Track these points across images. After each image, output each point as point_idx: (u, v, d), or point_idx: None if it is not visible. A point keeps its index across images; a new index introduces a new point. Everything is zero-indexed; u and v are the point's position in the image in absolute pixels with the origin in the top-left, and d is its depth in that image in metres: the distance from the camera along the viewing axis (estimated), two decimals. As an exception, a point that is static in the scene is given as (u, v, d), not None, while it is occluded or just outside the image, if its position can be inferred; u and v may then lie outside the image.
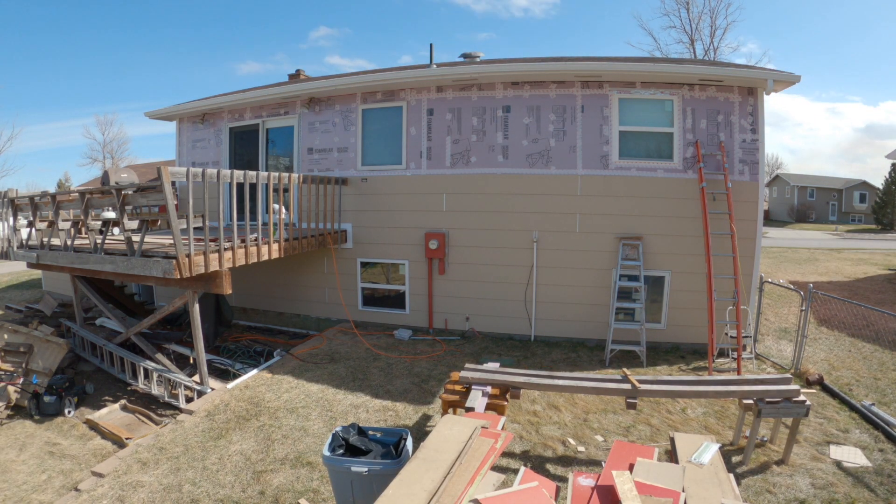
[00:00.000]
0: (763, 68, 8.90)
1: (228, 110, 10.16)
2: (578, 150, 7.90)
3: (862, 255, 16.78)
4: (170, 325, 9.47)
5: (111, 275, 7.00)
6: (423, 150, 8.56)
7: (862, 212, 44.53)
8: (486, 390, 4.86)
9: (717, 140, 7.53)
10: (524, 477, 3.24)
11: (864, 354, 7.30)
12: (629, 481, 3.04)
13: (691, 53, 31.24)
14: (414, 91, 8.58)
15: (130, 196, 6.06)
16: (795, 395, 4.47)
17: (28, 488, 5.14)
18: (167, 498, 4.24)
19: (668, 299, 7.76)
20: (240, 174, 6.50)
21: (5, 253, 8.30)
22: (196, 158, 10.60)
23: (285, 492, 4.29)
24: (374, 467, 3.65)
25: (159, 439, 5.18)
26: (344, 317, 9.25)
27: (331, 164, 9.17)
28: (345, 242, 9.08)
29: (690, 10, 31.09)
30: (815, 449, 4.82)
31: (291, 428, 5.35)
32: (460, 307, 8.52)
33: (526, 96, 8.07)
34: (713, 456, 3.48)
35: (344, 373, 6.84)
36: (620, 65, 7.66)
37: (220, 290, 6.37)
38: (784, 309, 9.46)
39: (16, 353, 7.28)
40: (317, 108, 9.29)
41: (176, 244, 5.72)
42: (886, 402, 5.79)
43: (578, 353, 7.62)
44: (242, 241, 6.74)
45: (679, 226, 7.60)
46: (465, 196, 8.35)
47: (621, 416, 5.49)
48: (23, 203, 7.88)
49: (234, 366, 7.63)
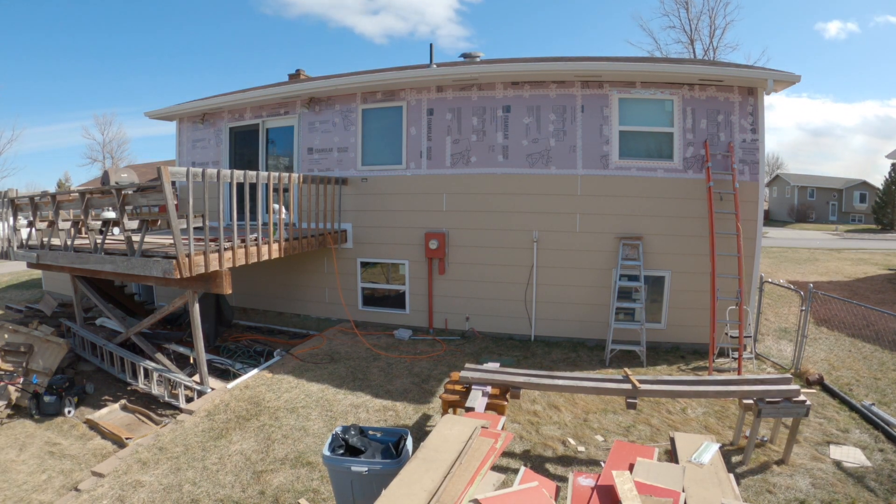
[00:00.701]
0: (763, 68, 8.89)
1: (228, 110, 10.16)
2: (578, 149, 7.90)
3: (862, 255, 16.78)
4: (170, 325, 9.48)
5: (111, 275, 7.00)
6: (423, 149, 8.56)
7: (862, 212, 44.53)
8: (486, 390, 4.86)
9: (718, 140, 7.53)
10: (524, 477, 3.24)
11: (864, 354, 7.30)
12: (629, 481, 3.04)
13: (691, 53, 31.24)
14: (414, 91, 8.58)
15: (130, 196, 6.06)
16: (795, 395, 4.47)
17: (28, 488, 5.14)
18: (167, 498, 4.24)
19: (668, 299, 7.76)
20: (240, 174, 6.50)
21: (5, 253, 8.29)
22: (196, 158, 10.60)
23: (285, 492, 4.29)
24: (374, 467, 3.65)
25: (159, 439, 5.18)
26: (344, 317, 9.25)
27: (331, 163, 9.17)
28: (345, 242, 9.08)
29: (690, 10, 31.10)
30: (815, 449, 4.82)
31: (291, 428, 5.35)
32: (460, 307, 8.52)
33: (526, 96, 8.07)
34: (713, 456, 3.48)
35: (344, 373, 6.84)
36: (620, 65, 7.66)
37: (220, 290, 6.37)
38: (784, 309, 9.46)
39: (16, 353, 7.27)
40: (317, 107, 9.29)
41: (176, 244, 5.72)
42: (886, 402, 5.79)
43: (578, 353, 7.62)
44: (242, 240, 6.73)
45: (679, 226, 7.60)
46: (466, 196, 8.35)
47: (621, 416, 5.49)
48: (23, 203, 7.87)
49: (235, 366, 7.63)
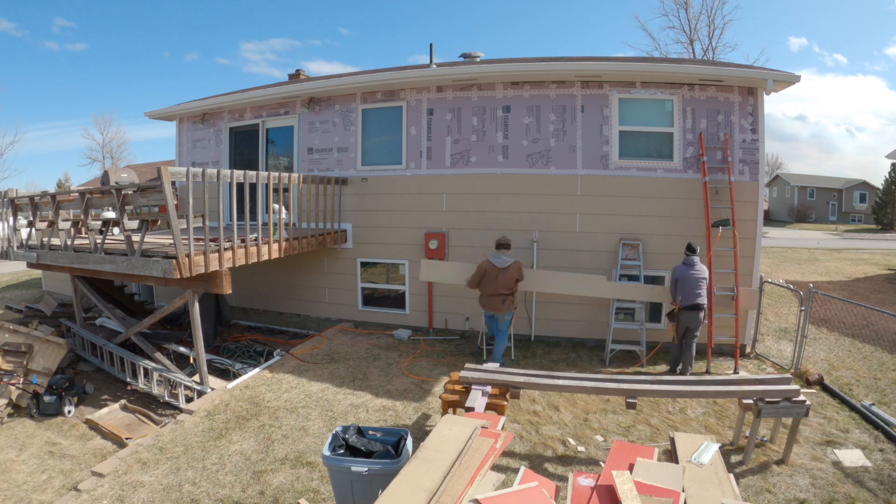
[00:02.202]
0: (763, 68, 8.89)
1: (228, 110, 10.16)
2: (578, 149, 7.90)
3: (862, 255, 16.78)
4: (170, 325, 9.47)
5: (111, 275, 6.99)
6: (423, 150, 8.56)
7: (862, 212, 44.55)
8: (486, 390, 4.86)
9: (717, 139, 7.53)
10: (524, 477, 3.24)
11: (864, 354, 7.30)
12: (629, 481, 3.04)
13: (690, 53, 31.22)
14: (414, 91, 8.58)
15: (130, 196, 6.06)
16: (795, 395, 4.47)
17: (28, 488, 5.14)
18: (167, 498, 4.24)
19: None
20: (240, 174, 6.50)
21: (5, 253, 8.29)
22: (196, 158, 10.60)
23: (285, 492, 4.29)
24: (374, 467, 3.65)
25: (159, 439, 5.18)
26: (344, 316, 9.25)
27: (331, 163, 9.17)
28: (345, 242, 9.07)
29: (689, 10, 31.08)
30: (815, 449, 4.82)
31: (291, 428, 5.35)
32: (460, 307, 8.51)
33: (526, 96, 8.07)
34: (713, 456, 3.48)
35: (344, 373, 6.84)
36: (620, 65, 7.66)
37: (220, 290, 6.37)
38: (784, 309, 9.46)
39: (16, 352, 7.27)
40: (317, 107, 9.29)
41: (176, 244, 5.72)
42: (886, 402, 5.79)
43: (578, 353, 7.62)
44: (242, 241, 6.73)
45: (679, 226, 7.60)
46: (466, 196, 8.35)
47: (621, 416, 5.49)
48: (23, 203, 7.87)
49: (234, 366, 7.63)
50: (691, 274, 6.46)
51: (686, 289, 6.45)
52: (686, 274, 6.49)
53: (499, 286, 6.47)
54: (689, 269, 6.50)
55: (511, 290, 6.55)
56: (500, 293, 6.48)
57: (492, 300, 6.56)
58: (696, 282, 6.43)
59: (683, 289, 6.47)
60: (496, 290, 6.49)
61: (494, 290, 6.50)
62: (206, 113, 10.38)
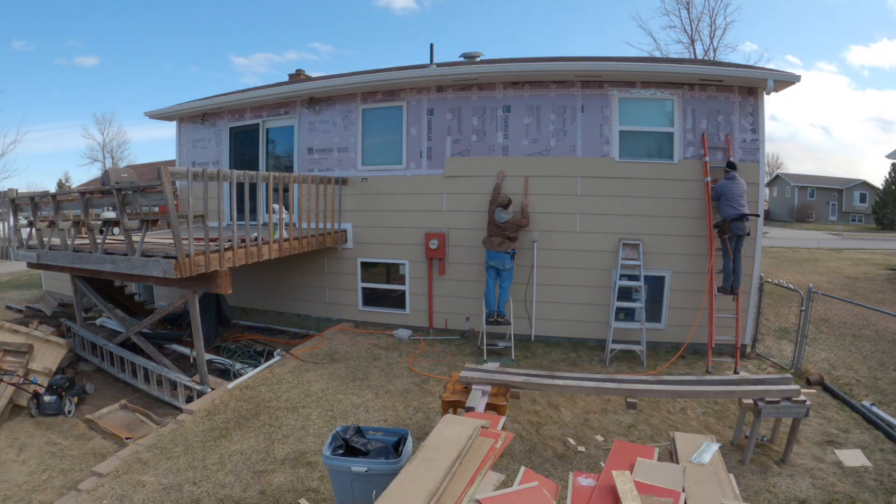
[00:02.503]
0: (763, 68, 8.90)
1: (228, 110, 10.16)
2: (579, 149, 7.90)
3: (862, 255, 16.77)
4: (170, 325, 9.48)
5: (111, 275, 7.00)
6: (423, 149, 8.56)
7: (862, 212, 44.54)
8: (486, 390, 4.86)
9: (718, 140, 7.53)
10: (524, 477, 3.24)
11: (865, 354, 7.30)
12: (629, 481, 3.04)
13: (691, 53, 31.20)
14: (414, 91, 8.57)
15: (130, 196, 6.06)
16: (795, 394, 4.47)
17: (28, 488, 5.14)
18: (167, 498, 4.24)
19: (668, 299, 7.76)
20: (240, 174, 6.50)
21: (5, 253, 8.29)
22: (196, 158, 10.60)
23: (286, 491, 4.28)
24: (375, 467, 3.65)
25: (159, 439, 5.18)
26: (344, 316, 9.25)
27: (331, 163, 9.17)
28: (345, 242, 9.07)
29: (691, 10, 31.05)
30: (816, 449, 4.82)
31: (292, 428, 5.35)
32: (460, 307, 8.52)
33: (526, 96, 8.06)
34: (713, 456, 3.48)
35: (344, 373, 6.84)
36: (620, 65, 7.66)
37: (220, 290, 6.38)
38: (784, 309, 9.46)
39: (16, 352, 7.27)
40: (317, 107, 9.29)
41: (176, 244, 5.72)
42: (886, 402, 5.79)
43: (578, 353, 7.62)
44: (242, 241, 6.73)
45: (679, 226, 7.60)
46: (466, 196, 8.35)
47: (621, 416, 5.49)
48: (23, 203, 7.87)
49: (235, 366, 7.63)
50: (733, 187, 6.96)
51: (731, 200, 6.94)
52: (729, 187, 6.98)
53: (498, 232, 7.60)
54: (731, 183, 7.00)
55: (509, 236, 7.57)
56: (498, 236, 7.59)
57: (491, 241, 7.62)
58: (739, 193, 6.95)
59: (728, 201, 6.95)
60: (494, 234, 7.62)
61: (493, 233, 7.62)
62: (206, 113, 10.38)
